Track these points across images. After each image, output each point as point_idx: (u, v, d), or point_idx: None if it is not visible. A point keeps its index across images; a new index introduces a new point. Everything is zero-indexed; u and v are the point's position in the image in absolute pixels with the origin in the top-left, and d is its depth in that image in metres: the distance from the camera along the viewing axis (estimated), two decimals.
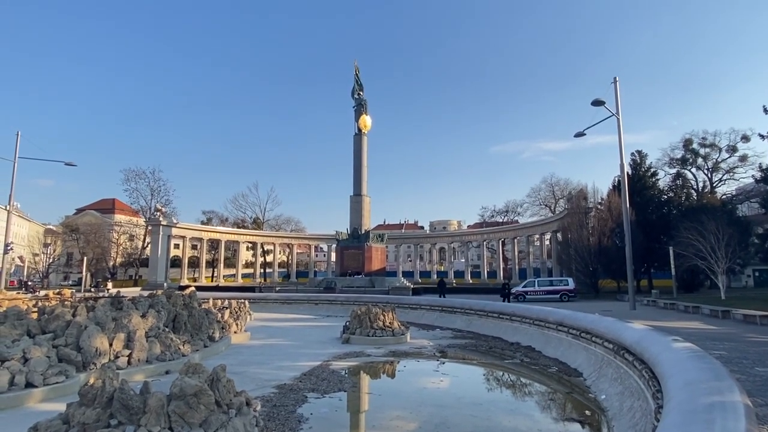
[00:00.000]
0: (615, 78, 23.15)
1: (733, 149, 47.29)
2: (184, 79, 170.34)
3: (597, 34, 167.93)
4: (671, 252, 32.20)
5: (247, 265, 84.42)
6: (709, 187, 47.01)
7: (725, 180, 48.24)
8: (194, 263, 71.19)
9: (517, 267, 61.95)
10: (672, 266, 32.26)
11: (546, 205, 69.52)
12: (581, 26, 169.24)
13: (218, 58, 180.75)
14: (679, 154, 48.83)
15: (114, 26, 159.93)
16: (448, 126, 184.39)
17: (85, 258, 53.87)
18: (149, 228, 61.79)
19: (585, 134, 24.14)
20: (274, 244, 71.74)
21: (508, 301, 26.24)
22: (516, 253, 62.98)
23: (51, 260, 67.65)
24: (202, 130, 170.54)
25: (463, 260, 77.33)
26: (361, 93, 54.56)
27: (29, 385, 7.69)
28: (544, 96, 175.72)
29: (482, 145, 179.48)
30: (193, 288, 14.98)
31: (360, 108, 53.40)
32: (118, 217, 77.16)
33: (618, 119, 22.66)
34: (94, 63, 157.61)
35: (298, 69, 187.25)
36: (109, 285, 46.63)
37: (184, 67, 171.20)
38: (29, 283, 52.39)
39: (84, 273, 49.76)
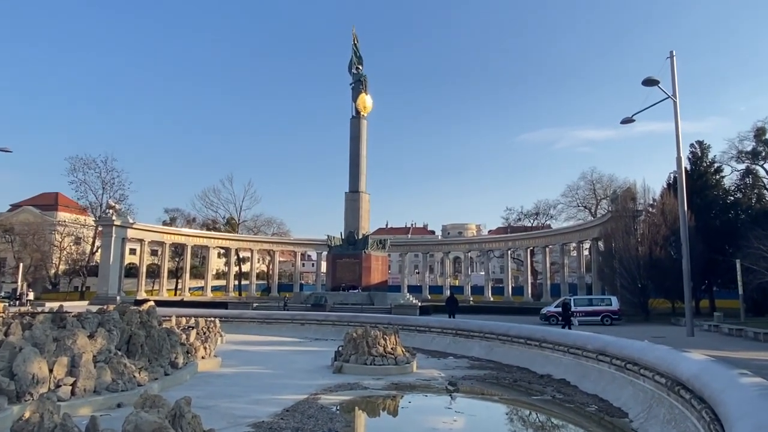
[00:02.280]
0: (671, 52, 23.14)
1: None
2: (143, 50, 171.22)
3: None
4: (738, 266, 32.03)
5: (219, 275, 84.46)
6: None
7: None
8: (154, 272, 71.32)
9: (548, 282, 61.95)
10: (739, 283, 32.11)
11: (585, 207, 69.51)
12: None
13: (181, 25, 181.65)
14: (749, 146, 48.55)
15: None
16: (463, 111, 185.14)
17: (21, 264, 54.10)
18: (100, 229, 62.02)
19: (634, 120, 24.12)
20: (251, 251, 71.97)
21: (567, 326, 25.59)
22: (548, 265, 62.98)
23: None
24: (164, 112, 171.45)
25: (483, 273, 77.33)
26: (360, 67, 54.73)
27: None
28: (582, 73, 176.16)
29: (506, 133, 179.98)
30: (152, 303, 14.98)
31: (359, 85, 53.53)
32: (62, 215, 77.36)
33: (675, 102, 22.65)
34: (39, 36, 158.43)
35: (282, 40, 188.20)
36: (31, 294, 46.21)
37: (143, 36, 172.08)
38: None
39: (19, 282, 49.96)
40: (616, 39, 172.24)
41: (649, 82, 22.05)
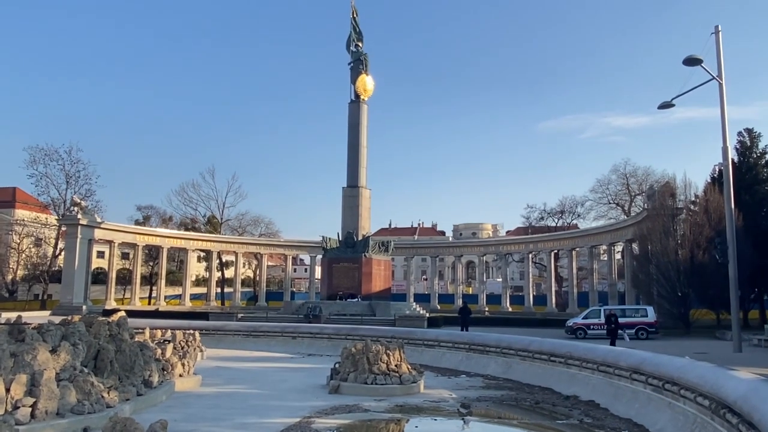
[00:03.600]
0: (716, 27, 23.04)
1: None
2: (114, 24, 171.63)
3: None
4: None
5: (199, 282, 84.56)
6: None
7: None
8: (125, 279, 71.53)
9: (575, 290, 61.93)
10: None
11: (617, 204, 69.39)
12: None
13: None
14: None
15: None
16: (475, 97, 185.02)
17: None
18: (63, 229, 62.14)
19: (673, 105, 24.05)
20: (235, 254, 72.14)
21: (613, 343, 25.45)
22: (574, 271, 62.93)
23: None
24: (134, 96, 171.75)
25: (500, 279, 77.30)
26: (360, 44, 54.72)
27: None
28: (612, 50, 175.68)
29: (526, 120, 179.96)
30: (123, 313, 15.00)
31: (358, 65, 53.51)
32: (21, 213, 77.65)
33: (720, 84, 22.56)
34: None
35: (270, 14, 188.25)
36: None
37: (114, 8, 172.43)
38: None
39: None
40: (654, 12, 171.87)
41: (691, 61, 21.97)
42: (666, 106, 24.15)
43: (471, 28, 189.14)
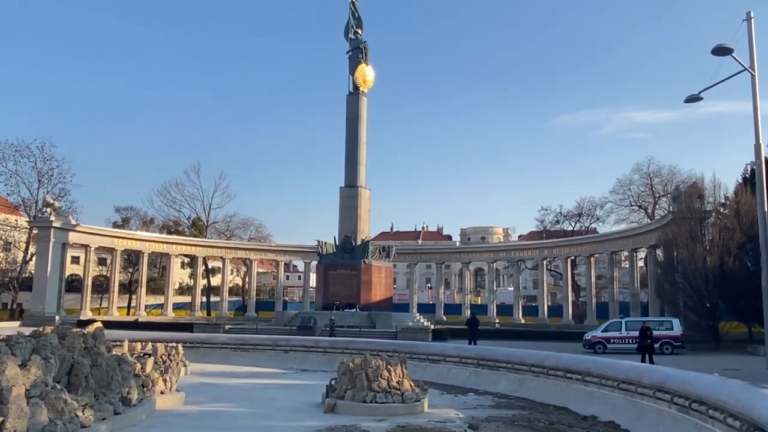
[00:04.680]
0: (748, 14, 23.04)
1: None
2: (90, 12, 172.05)
3: None
4: None
5: (182, 290, 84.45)
6: None
7: None
8: (102, 286, 71.54)
9: (593, 300, 61.96)
10: None
11: (640, 207, 69.41)
12: None
13: None
14: None
15: None
16: (485, 89, 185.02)
17: None
18: (35, 232, 62.20)
19: (701, 98, 24.04)
20: (223, 259, 72.21)
21: (648, 360, 25.17)
22: (593, 279, 62.95)
23: None
24: (115, 89, 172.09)
25: (512, 288, 77.21)
26: (360, 32, 54.89)
27: None
28: (634, 37, 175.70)
29: (539, 115, 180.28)
30: (99, 324, 15.01)
31: (357, 54, 53.69)
32: None
33: (752, 75, 22.58)
34: None
35: (260, 3, 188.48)
36: None
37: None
38: None
39: None
40: None
41: (721, 51, 21.96)
42: (693, 99, 24.13)
43: (480, 18, 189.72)
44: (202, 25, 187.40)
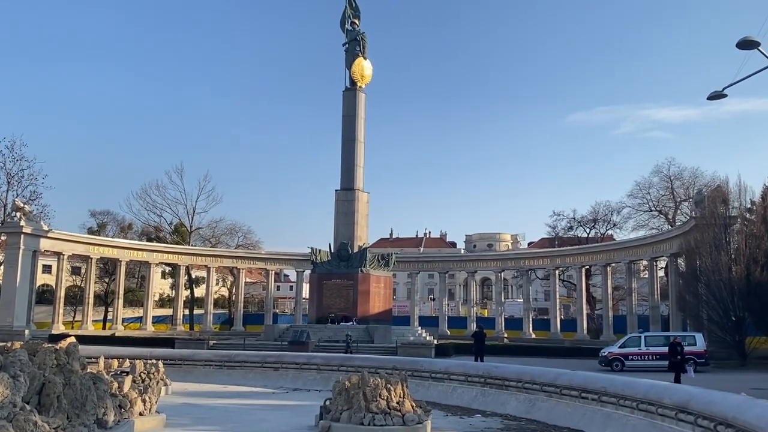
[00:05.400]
0: None
1: None
2: (66, 4, 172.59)
3: None
4: None
5: (163, 302, 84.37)
6: None
7: None
8: (76, 298, 71.49)
9: (610, 313, 61.94)
10: None
11: (660, 212, 69.43)
12: None
13: None
14: None
15: None
16: (492, 87, 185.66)
17: None
18: (3, 238, 61.96)
19: (726, 95, 23.97)
20: (208, 268, 72.14)
21: (678, 378, 24.98)
22: (609, 291, 62.93)
23: None
24: (92, 85, 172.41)
25: (521, 300, 77.17)
26: (357, 23, 54.95)
27: None
28: (653, 29, 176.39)
29: (551, 113, 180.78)
30: (73, 339, 14.82)
31: (354, 46, 53.76)
32: None
33: None
34: None
35: None
36: None
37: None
38: None
39: None
40: None
41: (746, 44, 21.83)
42: (717, 96, 24.02)
43: (487, 10, 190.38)
44: (182, 15, 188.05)
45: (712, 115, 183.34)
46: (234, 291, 78.36)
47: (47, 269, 68.83)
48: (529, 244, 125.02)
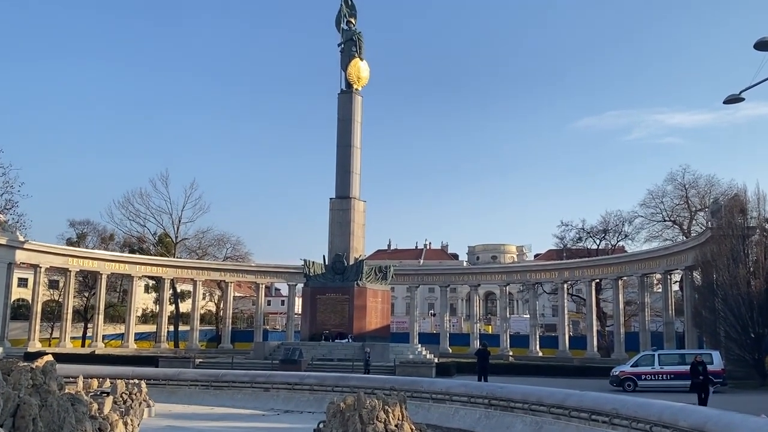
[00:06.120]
0: None
1: None
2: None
3: None
4: None
5: (146, 317, 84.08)
6: None
7: None
8: (53, 313, 71.21)
9: (621, 330, 61.95)
10: None
11: (674, 222, 69.54)
12: None
13: None
14: None
15: None
16: (496, 90, 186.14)
17: None
18: None
19: (743, 99, 24.12)
20: (194, 282, 72.05)
21: (704, 401, 24.84)
22: (621, 306, 62.89)
23: None
24: (72, 86, 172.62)
25: (527, 316, 77.12)
26: (353, 22, 55.21)
27: None
28: (666, 30, 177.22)
29: (558, 118, 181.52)
30: (50, 358, 14.91)
31: (350, 47, 53.99)
32: None
33: None
34: None
35: None
36: None
37: None
38: None
39: None
40: None
41: (764, 45, 22.07)
42: (734, 100, 24.17)
43: (491, 10, 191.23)
44: (168, 14, 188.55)
45: (728, 120, 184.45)
46: (222, 306, 78.18)
47: (23, 283, 68.60)
48: (535, 256, 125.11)
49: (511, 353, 64.43)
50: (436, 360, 48.49)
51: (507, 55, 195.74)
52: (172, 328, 75.17)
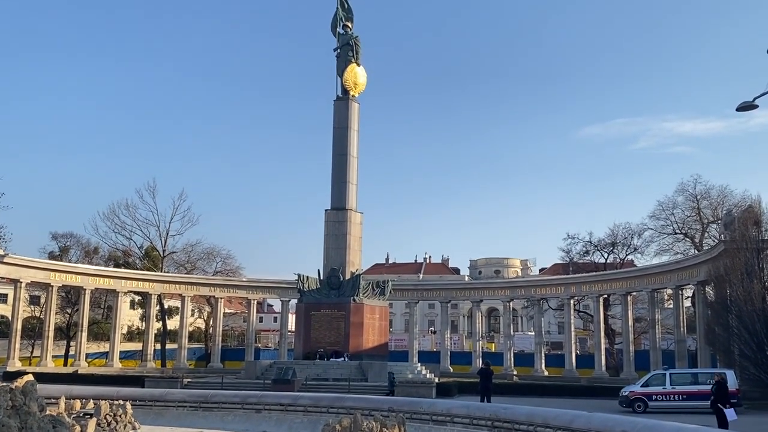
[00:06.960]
0: None
1: None
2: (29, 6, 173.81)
3: None
4: None
5: (132, 335, 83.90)
6: None
7: None
8: (34, 331, 70.99)
9: (631, 348, 61.91)
10: None
11: (685, 235, 69.60)
12: None
13: None
14: None
15: None
16: (499, 97, 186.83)
17: None
18: None
19: (757, 106, 24.29)
20: (182, 297, 72.01)
21: (724, 422, 24.24)
22: (630, 323, 62.92)
23: None
24: (55, 94, 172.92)
25: (532, 333, 76.94)
26: (350, 26, 55.47)
27: None
28: (676, 33, 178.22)
29: (564, 126, 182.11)
30: (30, 377, 14.90)
31: (347, 52, 54.19)
32: None
33: None
34: None
35: None
36: None
37: None
38: None
39: None
40: None
41: None
42: (747, 107, 24.30)
43: (492, 15, 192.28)
44: (154, 23, 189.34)
45: (740, 128, 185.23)
46: (211, 323, 77.91)
47: (2, 298, 68.62)
48: (540, 271, 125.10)
49: (515, 372, 64.30)
50: (436, 379, 48.39)
51: (510, 62, 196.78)
52: (159, 346, 75.00)
